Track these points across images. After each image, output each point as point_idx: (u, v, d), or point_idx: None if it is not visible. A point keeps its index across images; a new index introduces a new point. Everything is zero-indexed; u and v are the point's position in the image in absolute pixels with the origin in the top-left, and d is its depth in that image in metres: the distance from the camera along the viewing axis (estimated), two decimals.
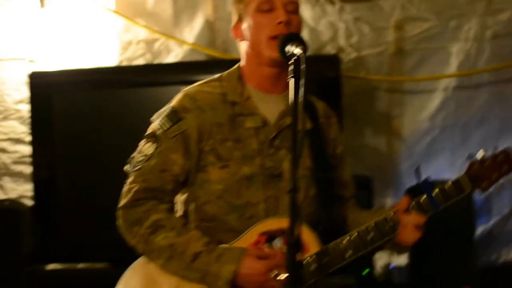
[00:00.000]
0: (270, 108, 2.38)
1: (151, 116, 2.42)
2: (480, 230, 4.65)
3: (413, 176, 2.46)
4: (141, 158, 2.32)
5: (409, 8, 4.63)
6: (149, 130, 2.38)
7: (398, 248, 2.40)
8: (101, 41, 4.80)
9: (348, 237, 2.29)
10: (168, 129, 2.32)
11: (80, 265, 4.49)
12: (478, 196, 4.06)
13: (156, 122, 2.36)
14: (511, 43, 4.61)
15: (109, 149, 4.17)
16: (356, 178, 2.64)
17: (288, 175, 2.29)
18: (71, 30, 4.78)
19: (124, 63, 4.81)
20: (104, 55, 4.79)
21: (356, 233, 2.29)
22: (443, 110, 4.72)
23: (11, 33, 4.81)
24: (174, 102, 2.39)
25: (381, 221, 2.30)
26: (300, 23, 2.37)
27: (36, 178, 4.44)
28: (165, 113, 2.36)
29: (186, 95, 2.38)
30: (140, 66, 4.76)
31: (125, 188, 2.32)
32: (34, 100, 4.39)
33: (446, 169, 4.68)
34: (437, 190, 2.32)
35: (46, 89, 4.35)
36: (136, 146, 2.39)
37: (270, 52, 2.27)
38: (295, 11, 2.36)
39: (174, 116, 2.33)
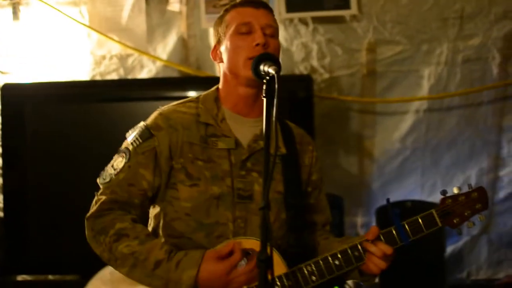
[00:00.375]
0: (244, 131, 2.40)
1: (123, 130, 2.45)
2: (450, 249, 4.69)
3: (384, 196, 2.48)
4: (111, 171, 2.36)
5: (382, 31, 4.66)
6: (122, 145, 2.42)
7: (364, 277, 2.40)
8: (74, 55, 4.78)
9: (314, 263, 2.30)
10: (138, 145, 2.36)
11: (50, 277, 4.46)
12: None
13: (130, 138, 2.40)
14: (481, 68, 4.67)
15: (79, 162, 4.15)
16: (328, 197, 2.65)
17: (258, 197, 2.32)
18: (45, 44, 4.76)
19: (97, 78, 4.79)
20: (77, 69, 4.78)
21: (322, 259, 2.31)
22: (414, 132, 4.76)
23: None
24: (148, 120, 2.43)
25: (349, 249, 2.32)
26: (278, 47, 2.40)
27: (6, 189, 4.41)
28: (138, 129, 2.40)
29: (161, 114, 2.42)
30: (113, 81, 4.75)
31: (94, 199, 2.35)
32: (6, 111, 4.36)
33: (416, 189, 4.73)
34: (406, 224, 2.33)
35: (18, 101, 4.32)
36: (107, 159, 2.42)
37: (247, 71, 2.29)
38: (274, 35, 2.39)
39: (146, 133, 2.37)
